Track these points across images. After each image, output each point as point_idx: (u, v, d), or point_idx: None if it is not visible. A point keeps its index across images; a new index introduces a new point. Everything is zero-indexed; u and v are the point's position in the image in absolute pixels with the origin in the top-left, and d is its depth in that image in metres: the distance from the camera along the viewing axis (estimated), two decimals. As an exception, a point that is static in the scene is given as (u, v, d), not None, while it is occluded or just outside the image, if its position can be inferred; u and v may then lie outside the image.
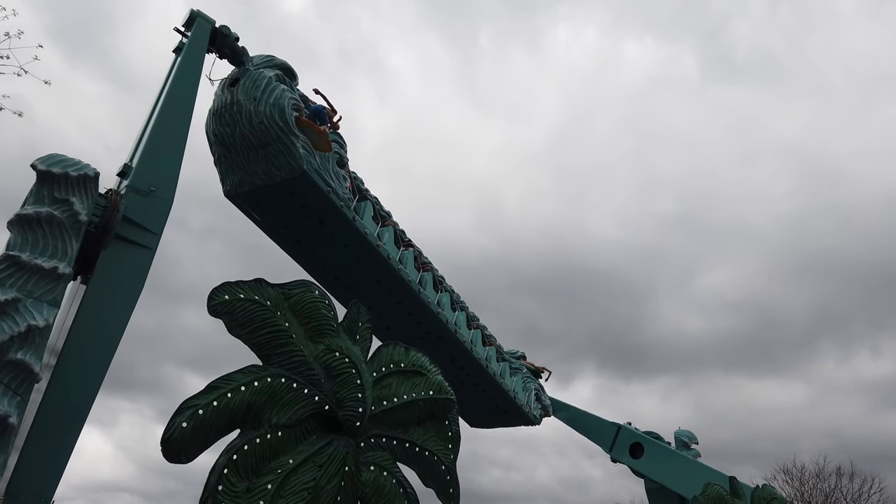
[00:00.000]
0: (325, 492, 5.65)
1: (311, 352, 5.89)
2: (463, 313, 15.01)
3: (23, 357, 5.52)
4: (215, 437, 5.08)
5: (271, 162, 9.16)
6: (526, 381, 19.40)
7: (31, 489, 6.00)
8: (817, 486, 41.87)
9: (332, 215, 9.91)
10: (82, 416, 7.04)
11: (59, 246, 7.50)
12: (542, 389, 20.14)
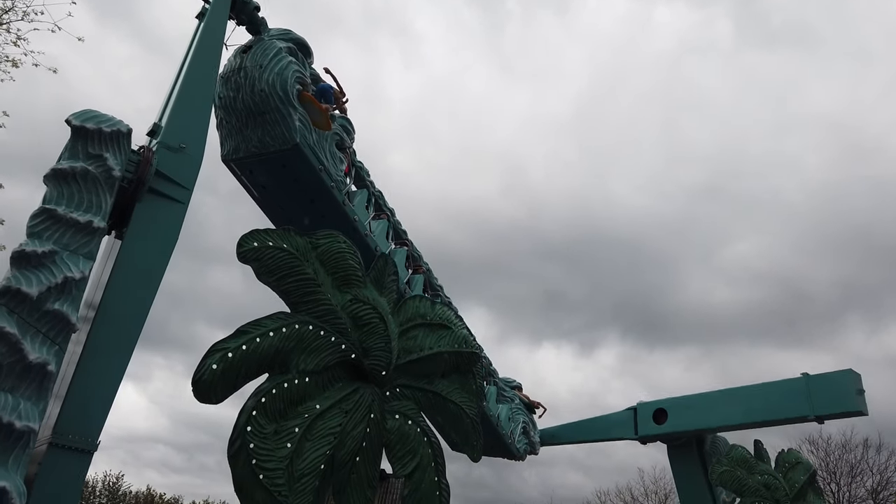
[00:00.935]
0: (351, 437, 5.77)
1: (338, 301, 5.96)
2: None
3: (60, 307, 5.67)
4: (244, 381, 5.19)
5: (267, 131, 9.25)
6: (514, 411, 18.58)
7: (78, 431, 6.23)
8: (843, 458, 41.47)
9: (323, 195, 9.90)
10: (123, 364, 7.26)
11: (93, 200, 7.68)
12: (532, 424, 19.25)
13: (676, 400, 20.87)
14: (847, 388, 15.62)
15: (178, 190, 8.28)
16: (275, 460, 5.20)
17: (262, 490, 5.08)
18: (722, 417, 18.35)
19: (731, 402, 18.58)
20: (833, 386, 15.87)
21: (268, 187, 10.28)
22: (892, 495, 38.99)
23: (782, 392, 17.21)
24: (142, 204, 7.86)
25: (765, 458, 10.17)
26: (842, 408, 15.53)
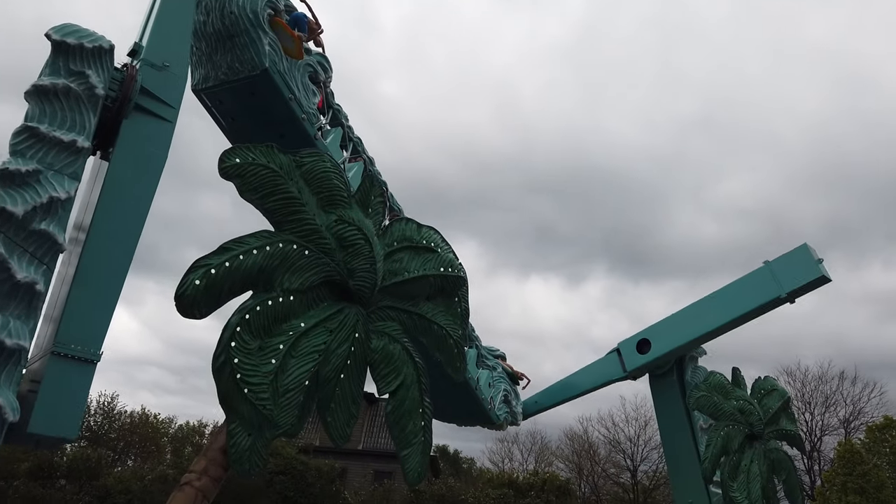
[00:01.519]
0: (336, 355, 5.85)
1: (323, 221, 5.92)
2: None
3: (46, 227, 5.61)
4: (227, 297, 5.20)
5: (236, 56, 8.96)
6: (496, 379, 18.07)
7: (79, 341, 6.30)
8: (818, 389, 42.91)
9: (293, 128, 9.61)
10: (120, 277, 7.29)
11: (76, 119, 7.52)
12: (514, 394, 18.63)
13: (655, 326, 21.42)
14: (807, 261, 17.14)
15: (164, 108, 8.14)
16: (259, 375, 5.27)
17: (246, 404, 5.17)
18: (701, 325, 19.31)
19: (707, 309, 19.65)
20: (794, 262, 17.48)
21: (237, 119, 10.06)
22: (863, 424, 40.56)
23: (751, 284, 18.91)
24: (128, 121, 7.73)
25: (741, 385, 10.47)
26: (807, 278, 17.13)
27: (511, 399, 18.08)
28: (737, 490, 9.49)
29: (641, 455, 43.74)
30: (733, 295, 19.13)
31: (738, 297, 18.80)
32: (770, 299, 18.33)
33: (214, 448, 5.28)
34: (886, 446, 36.56)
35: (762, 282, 18.18)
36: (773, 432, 10.31)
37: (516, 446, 49.35)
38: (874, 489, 32.56)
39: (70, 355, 6.33)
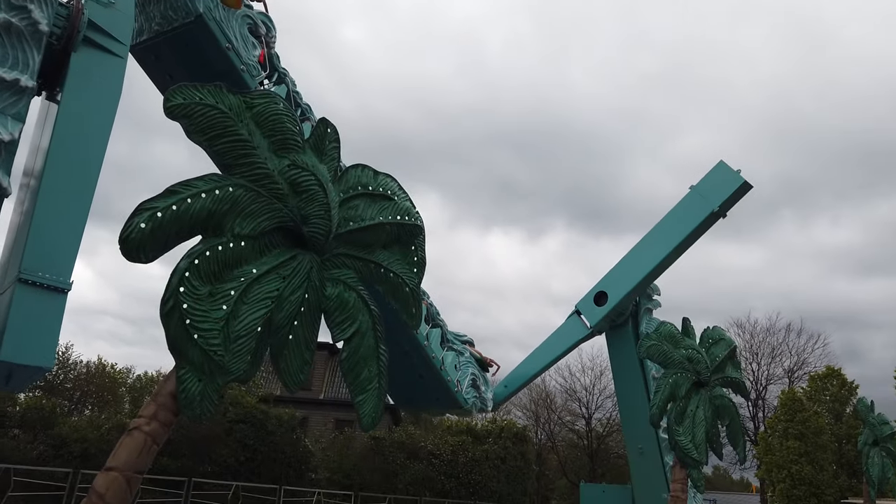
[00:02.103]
0: (289, 302, 5.80)
1: (275, 165, 5.77)
2: None
3: (-10, 171, 5.36)
4: (175, 241, 5.08)
5: (169, 3, 8.58)
6: (464, 364, 17.56)
7: (47, 269, 6.14)
8: (766, 340, 44.74)
9: (232, 81, 9.27)
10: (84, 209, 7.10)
11: (19, 57, 7.15)
12: (482, 379, 18.13)
13: (607, 275, 22.11)
14: (727, 175, 19.22)
15: (114, 43, 7.84)
16: (210, 321, 5.20)
17: (196, 349, 5.11)
18: (649, 261, 20.61)
19: (650, 244, 20.96)
20: (716, 179, 19.56)
21: (174, 76, 9.69)
22: (806, 374, 42.50)
23: (684, 209, 20.79)
24: (77, 56, 7.41)
25: (690, 334, 10.79)
26: (731, 188, 19.09)
27: (479, 384, 17.61)
28: (682, 434, 9.88)
29: (596, 403, 45.15)
30: (671, 224, 20.72)
31: (677, 224, 20.43)
32: (705, 216, 19.79)
33: (164, 393, 5.24)
34: (827, 394, 38.52)
35: (694, 204, 19.92)
36: (718, 379, 10.70)
37: None
38: (813, 434, 34.40)
39: (38, 283, 6.16)
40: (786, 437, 34.62)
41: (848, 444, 33.71)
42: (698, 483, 10.23)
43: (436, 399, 17.08)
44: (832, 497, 32.64)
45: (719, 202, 19.09)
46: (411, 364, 16.16)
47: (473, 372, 17.40)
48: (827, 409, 37.86)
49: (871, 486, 16.16)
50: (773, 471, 34.56)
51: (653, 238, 20.93)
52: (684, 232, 20.15)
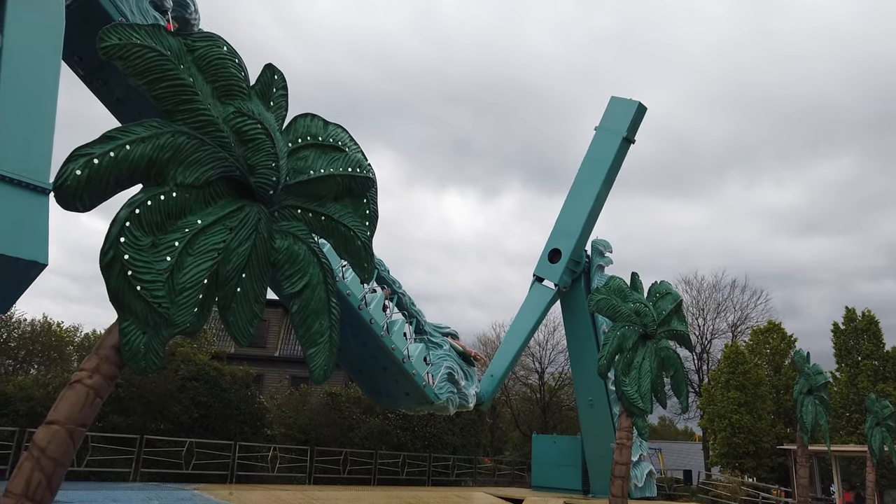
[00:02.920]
0: (237, 254, 5.67)
1: (220, 113, 5.56)
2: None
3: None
4: (114, 190, 4.88)
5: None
6: (441, 355, 16.40)
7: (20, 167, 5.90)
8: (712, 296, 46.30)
9: None
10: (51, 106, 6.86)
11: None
12: (464, 373, 16.76)
13: (553, 233, 22.80)
14: (623, 105, 22.05)
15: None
16: (153, 273, 5.06)
17: (140, 301, 4.98)
18: (584, 203, 22.02)
19: (580, 190, 22.54)
20: (615, 112, 22.21)
21: (83, 57, 9.19)
22: (749, 328, 44.20)
23: (598, 148, 23.49)
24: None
25: (639, 288, 11.05)
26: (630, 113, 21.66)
27: (458, 378, 16.39)
28: (628, 384, 10.19)
29: (549, 358, 46.16)
30: (592, 164, 22.92)
31: (597, 163, 22.68)
32: (618, 145, 21.80)
33: (106, 346, 5.10)
34: (767, 348, 40.22)
35: (605, 140, 22.08)
36: (664, 332, 11.02)
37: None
38: (753, 385, 36.01)
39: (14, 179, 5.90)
40: (727, 389, 36.16)
41: (785, 395, 35.42)
42: (643, 431, 10.60)
43: (405, 394, 16.34)
44: (769, 444, 34.42)
45: (626, 128, 21.45)
46: (373, 356, 15.60)
47: (450, 365, 16.36)
48: (767, 361, 39.60)
49: (805, 433, 17.06)
50: (715, 420, 36.15)
51: (581, 183, 22.77)
52: (606, 166, 21.86)
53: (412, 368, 15.38)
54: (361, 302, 14.25)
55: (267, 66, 6.11)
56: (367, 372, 16.52)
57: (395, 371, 15.52)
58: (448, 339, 17.05)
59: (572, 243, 22.43)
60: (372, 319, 14.61)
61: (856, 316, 36.88)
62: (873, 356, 35.46)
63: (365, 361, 16.20)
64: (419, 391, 15.65)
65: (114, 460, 17.32)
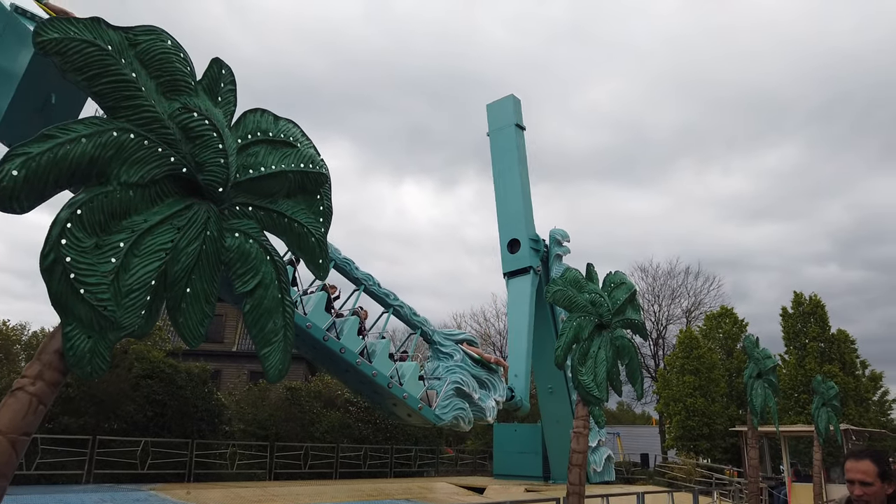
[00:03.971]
0: (185, 254, 5.54)
1: (165, 109, 5.41)
2: None
3: None
4: (53, 190, 4.71)
5: None
6: (449, 367, 14.94)
7: None
8: (667, 283, 47.37)
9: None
10: None
11: None
12: (477, 384, 15.04)
13: (501, 231, 23.58)
14: (501, 106, 24.98)
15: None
16: (97, 275, 4.91)
17: (83, 304, 4.83)
18: (514, 197, 24.00)
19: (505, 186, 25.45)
20: (498, 113, 25.07)
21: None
22: (702, 314, 45.34)
23: (500, 148, 24.69)
24: None
25: (594, 279, 11.20)
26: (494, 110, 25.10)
27: (470, 391, 14.94)
28: (585, 374, 10.35)
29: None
30: (501, 160, 24.47)
31: (504, 157, 24.32)
32: (514, 135, 24.25)
33: (49, 351, 4.94)
34: (720, 332, 41.35)
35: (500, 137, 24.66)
36: (619, 321, 11.21)
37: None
38: (707, 369, 37.02)
39: None
40: (682, 373, 37.09)
41: (738, 378, 36.49)
42: (599, 420, 10.79)
43: (407, 415, 15.32)
44: (722, 426, 35.47)
45: (512, 121, 23.99)
46: (360, 381, 14.68)
47: (459, 379, 14.91)
48: (720, 345, 40.75)
49: (755, 415, 17.61)
50: (671, 404, 37.07)
51: (501, 177, 25.36)
52: (514, 155, 24.02)
53: (401, 392, 14.33)
54: (326, 333, 13.39)
55: (214, 61, 5.96)
56: (367, 393, 15.79)
57: (386, 394, 14.58)
58: (462, 346, 15.74)
59: (524, 227, 23.51)
60: (342, 349, 13.67)
61: (803, 300, 38.16)
62: (819, 338, 36.79)
63: (359, 386, 15.42)
64: (417, 414, 14.68)
65: (65, 462, 16.87)
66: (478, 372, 15.37)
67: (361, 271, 14.69)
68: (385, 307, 15.26)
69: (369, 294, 14.97)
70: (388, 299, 15.17)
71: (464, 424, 15.02)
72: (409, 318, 15.51)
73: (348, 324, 14.01)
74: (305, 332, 12.88)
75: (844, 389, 32.52)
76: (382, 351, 14.33)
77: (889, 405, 37.21)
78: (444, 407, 14.54)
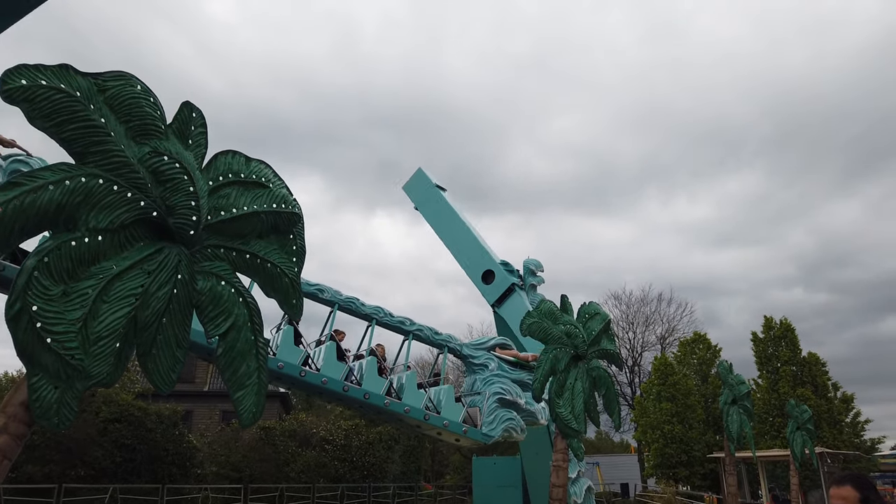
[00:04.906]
0: (156, 298, 5.46)
1: (134, 153, 5.38)
2: None
3: None
4: (19, 238, 4.63)
5: None
6: (486, 379, 14.17)
7: None
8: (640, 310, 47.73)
9: None
10: None
11: None
12: (521, 387, 14.40)
13: (469, 272, 24.47)
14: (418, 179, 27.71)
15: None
16: (64, 323, 4.81)
17: (50, 354, 4.72)
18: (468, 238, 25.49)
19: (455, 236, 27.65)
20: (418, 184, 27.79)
21: None
22: (676, 340, 45.69)
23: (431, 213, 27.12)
24: None
25: (568, 310, 11.26)
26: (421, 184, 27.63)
27: (514, 398, 14.25)
28: (562, 406, 10.34)
29: (486, 379, 46.18)
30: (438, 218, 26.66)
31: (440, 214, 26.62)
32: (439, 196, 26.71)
33: (14, 403, 4.80)
34: (695, 358, 41.65)
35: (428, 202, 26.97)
36: (595, 352, 11.25)
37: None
38: (683, 395, 37.17)
39: None
40: (659, 400, 37.20)
41: (713, 403, 36.70)
42: (578, 452, 10.75)
43: (455, 440, 14.58)
44: (700, 452, 35.53)
45: (432, 185, 26.89)
46: (399, 420, 14.04)
47: (500, 389, 14.13)
48: (695, 371, 41.01)
49: (731, 441, 17.70)
50: (648, 431, 37.07)
51: (450, 238, 26.01)
52: (449, 215, 26.51)
53: (440, 421, 13.46)
54: (345, 384, 12.62)
55: (184, 104, 5.96)
56: (408, 430, 15.00)
57: (426, 427, 13.81)
58: (495, 352, 14.87)
59: (491, 258, 24.68)
60: (367, 394, 12.82)
61: (774, 324, 38.72)
62: (791, 362, 37.27)
63: (398, 424, 14.96)
64: (465, 437, 13.92)
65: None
66: (518, 375, 14.53)
67: (370, 305, 14.11)
68: (404, 335, 14.35)
69: (383, 326, 14.22)
70: (405, 326, 14.33)
71: (517, 434, 14.24)
72: (432, 339, 14.60)
73: (367, 366, 13.41)
74: (324, 388, 12.46)
75: (818, 412, 32.89)
76: (409, 384, 13.58)
77: (862, 427, 37.67)
78: (490, 423, 13.82)
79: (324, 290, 13.43)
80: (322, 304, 13.62)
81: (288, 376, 12.34)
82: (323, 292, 13.42)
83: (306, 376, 12.23)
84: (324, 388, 12.48)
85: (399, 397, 13.16)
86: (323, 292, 13.42)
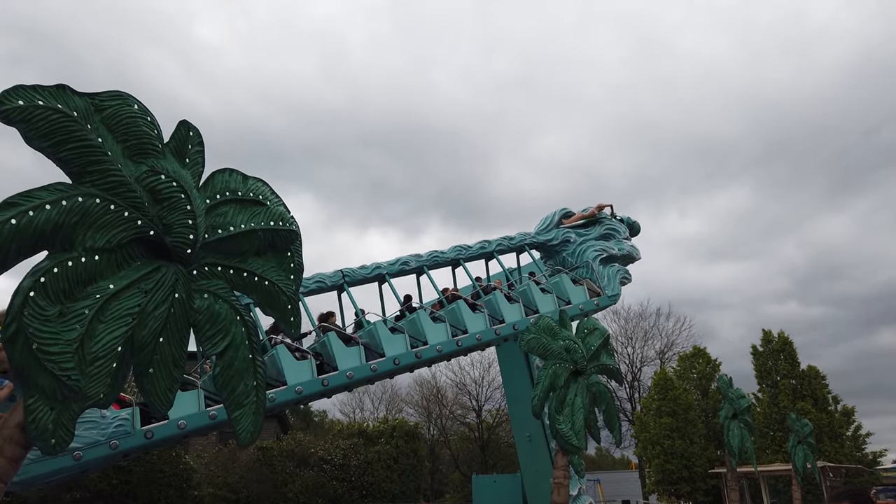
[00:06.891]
0: (153, 317, 5.43)
1: (132, 172, 5.38)
2: None
3: None
4: (16, 258, 4.61)
5: None
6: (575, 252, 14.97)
7: None
8: (639, 325, 47.66)
9: None
10: None
11: None
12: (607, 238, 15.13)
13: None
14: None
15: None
16: (61, 344, 4.77)
17: (47, 375, 4.67)
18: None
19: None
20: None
21: None
22: (675, 354, 45.61)
23: None
24: None
25: (567, 326, 11.25)
26: None
27: (609, 247, 15.03)
28: (562, 422, 10.28)
29: (485, 395, 46.14)
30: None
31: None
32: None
33: (10, 426, 4.76)
34: (694, 372, 41.51)
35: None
36: (594, 367, 11.21)
37: (367, 396, 50.11)
38: (683, 410, 36.98)
39: None
40: (659, 415, 37.00)
41: (714, 418, 36.52)
42: (578, 468, 10.67)
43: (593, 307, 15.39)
44: (702, 468, 35.28)
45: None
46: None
47: (592, 253, 14.92)
48: (695, 386, 40.86)
49: (732, 456, 17.59)
50: (649, 447, 36.84)
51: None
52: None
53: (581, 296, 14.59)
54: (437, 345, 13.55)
55: (181, 123, 5.97)
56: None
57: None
58: (563, 224, 15.41)
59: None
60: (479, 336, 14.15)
61: (772, 338, 38.65)
62: (790, 375, 37.16)
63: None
64: (593, 309, 14.76)
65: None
66: (597, 231, 15.22)
67: (449, 251, 14.58)
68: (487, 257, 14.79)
69: (468, 260, 14.78)
70: (486, 249, 14.82)
71: (629, 278, 15.11)
72: (511, 246, 15.14)
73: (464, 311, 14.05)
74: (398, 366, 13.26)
75: (818, 426, 32.73)
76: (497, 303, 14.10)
77: (863, 440, 37.49)
78: (607, 285, 14.64)
79: (407, 262, 14.05)
80: (410, 274, 14.43)
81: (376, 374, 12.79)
82: (407, 264, 14.00)
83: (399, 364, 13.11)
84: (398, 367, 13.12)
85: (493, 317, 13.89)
86: (407, 264, 14.00)
